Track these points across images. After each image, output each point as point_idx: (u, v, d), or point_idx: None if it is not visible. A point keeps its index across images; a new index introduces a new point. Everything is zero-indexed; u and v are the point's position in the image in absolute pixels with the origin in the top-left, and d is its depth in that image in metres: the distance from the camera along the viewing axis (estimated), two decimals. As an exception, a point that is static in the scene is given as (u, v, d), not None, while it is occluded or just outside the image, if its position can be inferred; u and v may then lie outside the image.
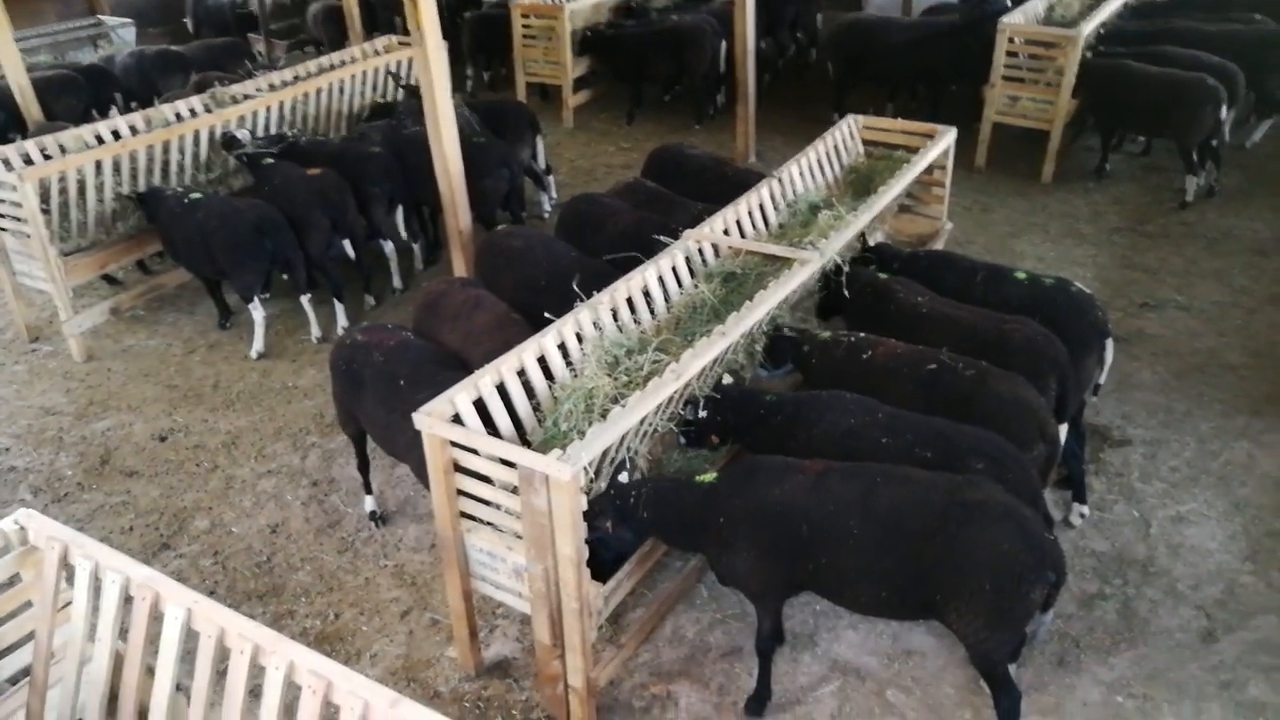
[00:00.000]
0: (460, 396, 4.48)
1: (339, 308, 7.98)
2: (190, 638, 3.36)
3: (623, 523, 4.50)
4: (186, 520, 6.20)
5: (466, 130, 8.59)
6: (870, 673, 4.95)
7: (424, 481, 5.28)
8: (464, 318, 5.89)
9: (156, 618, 3.39)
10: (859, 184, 7.06)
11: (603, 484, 4.62)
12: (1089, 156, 10.80)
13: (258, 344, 7.76)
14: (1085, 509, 5.68)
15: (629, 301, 5.40)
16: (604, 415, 4.49)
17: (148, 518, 6.23)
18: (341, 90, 9.74)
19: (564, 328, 5.02)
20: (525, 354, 4.82)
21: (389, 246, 8.42)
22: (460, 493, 4.56)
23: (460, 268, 7.76)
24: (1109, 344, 5.65)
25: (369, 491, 6.09)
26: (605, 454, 4.48)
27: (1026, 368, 5.17)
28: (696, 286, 5.68)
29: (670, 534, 4.63)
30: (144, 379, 7.67)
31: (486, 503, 4.52)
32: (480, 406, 4.56)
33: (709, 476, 4.56)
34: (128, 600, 3.45)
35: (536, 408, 4.79)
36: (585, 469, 4.14)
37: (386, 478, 6.39)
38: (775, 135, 11.68)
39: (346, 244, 7.94)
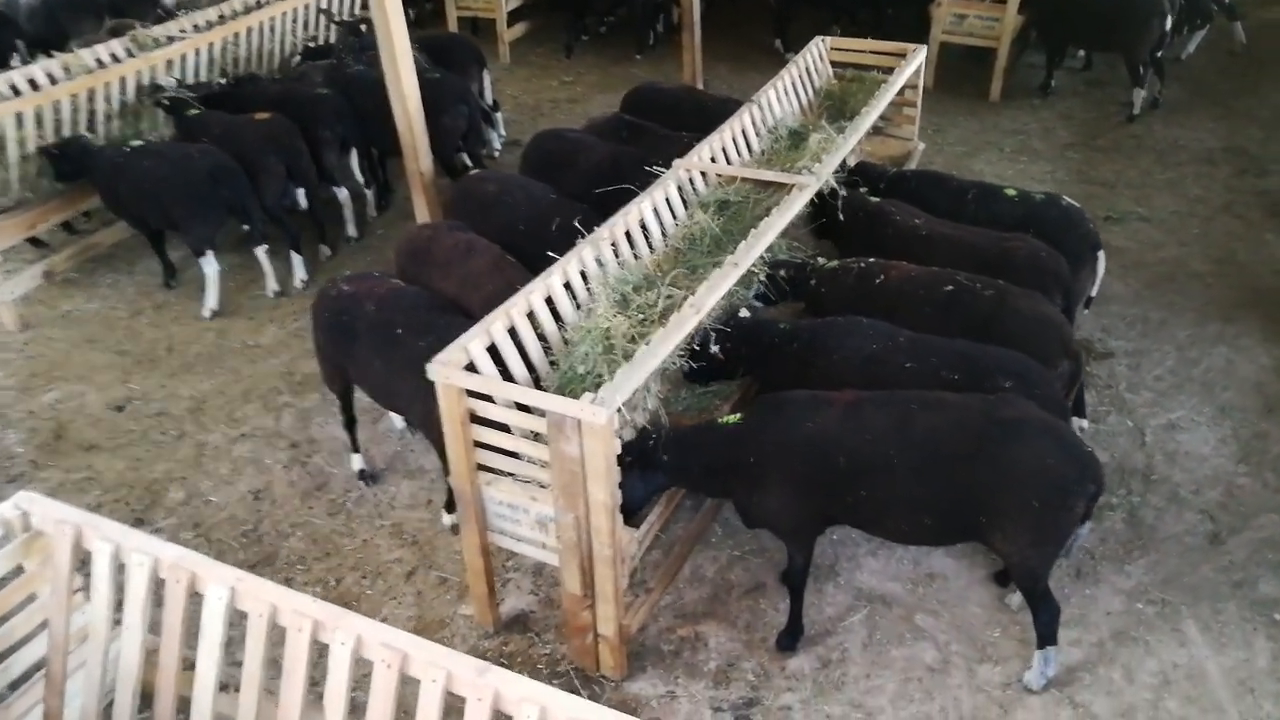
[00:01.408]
0: (474, 344, 4.26)
1: (296, 259, 7.58)
2: (233, 622, 3.12)
3: (645, 470, 4.36)
4: (159, 492, 5.86)
5: (417, 66, 8.19)
6: (896, 599, 4.93)
7: (429, 434, 5.07)
8: (457, 263, 5.61)
9: (193, 601, 3.14)
10: (834, 107, 6.91)
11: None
12: (1032, 74, 10.83)
13: (211, 301, 7.34)
14: (1085, 422, 5.72)
15: (627, 236, 5.19)
16: (626, 356, 4.32)
17: (116, 492, 5.87)
18: (273, 29, 9.19)
19: (569, 266, 4.80)
20: (534, 296, 4.60)
21: (343, 193, 8.00)
22: (477, 444, 4.36)
23: (423, 212, 7.41)
24: (1100, 256, 5.66)
25: (356, 450, 5.82)
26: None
27: (1031, 284, 5.14)
28: (691, 217, 5.50)
29: (694, 480, 4.50)
30: (89, 346, 7.20)
31: (507, 453, 4.33)
32: (492, 353, 4.34)
33: (732, 417, 4.42)
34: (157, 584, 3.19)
35: (548, 351, 4.59)
36: (620, 411, 3.97)
37: (371, 434, 6.12)
38: (720, 63, 11.45)
39: (300, 192, 7.51)
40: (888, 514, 4.17)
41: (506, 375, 4.36)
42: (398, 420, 6.15)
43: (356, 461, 5.83)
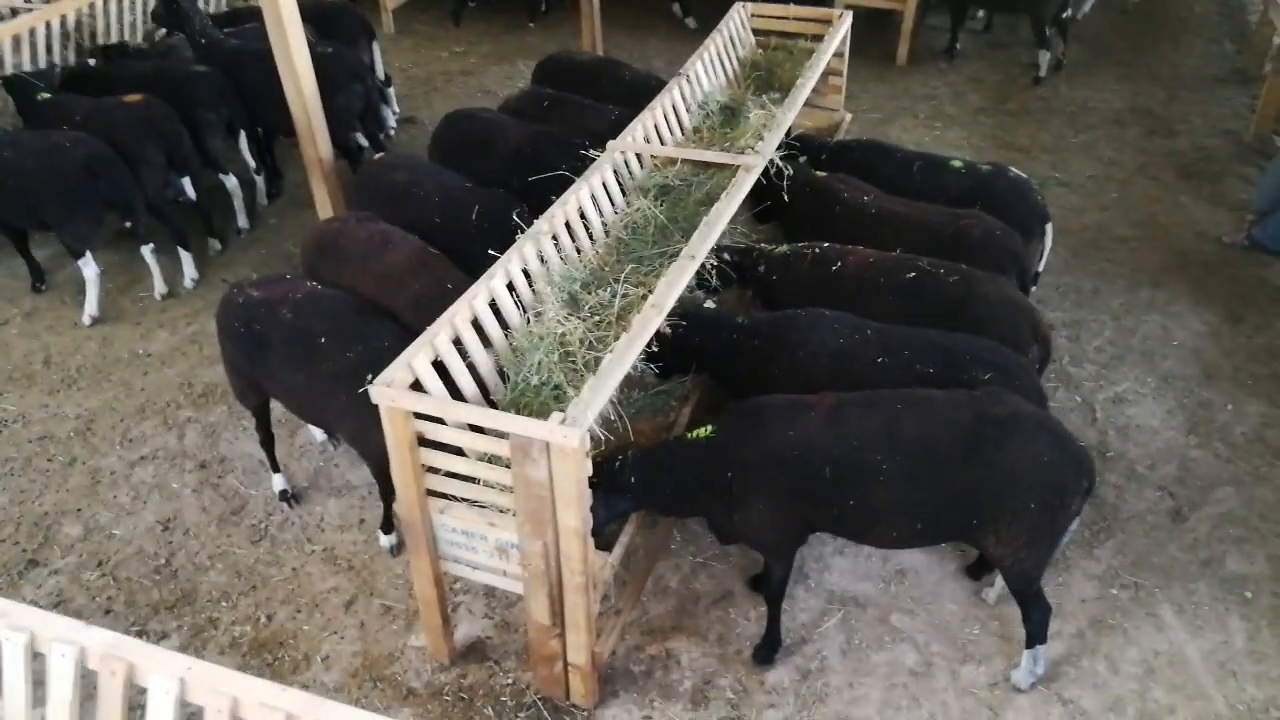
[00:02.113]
0: (418, 360, 3.83)
1: (185, 257, 6.92)
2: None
3: (610, 494, 4.02)
4: (52, 528, 5.24)
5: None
6: (869, 599, 4.74)
7: (364, 453, 4.63)
8: (373, 257, 5.12)
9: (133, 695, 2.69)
10: (761, 78, 6.61)
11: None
12: (935, 36, 10.75)
13: (91, 307, 6.65)
14: (1040, 402, 5.62)
15: (567, 227, 4.80)
16: (585, 364, 3.97)
17: (0, 530, 5.23)
18: (134, -1, 8.36)
19: (510, 265, 4.39)
20: (477, 301, 4.18)
21: (231, 181, 7.34)
22: (428, 469, 3.95)
23: (323, 200, 6.86)
24: (1049, 228, 5.54)
25: (276, 469, 5.31)
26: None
27: (987, 264, 4.97)
28: (631, 205, 5.13)
29: (665, 501, 4.16)
30: (-49, 362, 6.45)
31: (461, 478, 3.94)
32: (437, 367, 3.93)
33: (703, 430, 4.10)
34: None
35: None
36: (591, 430, 3.62)
37: (288, 449, 5.62)
38: (617, 29, 11.01)
39: (185, 182, 6.84)
40: (877, 522, 3.94)
41: (455, 392, 3.96)
42: (318, 433, 5.66)
43: (277, 482, 5.32)
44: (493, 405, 4.00)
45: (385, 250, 5.15)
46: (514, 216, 5.35)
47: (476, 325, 4.17)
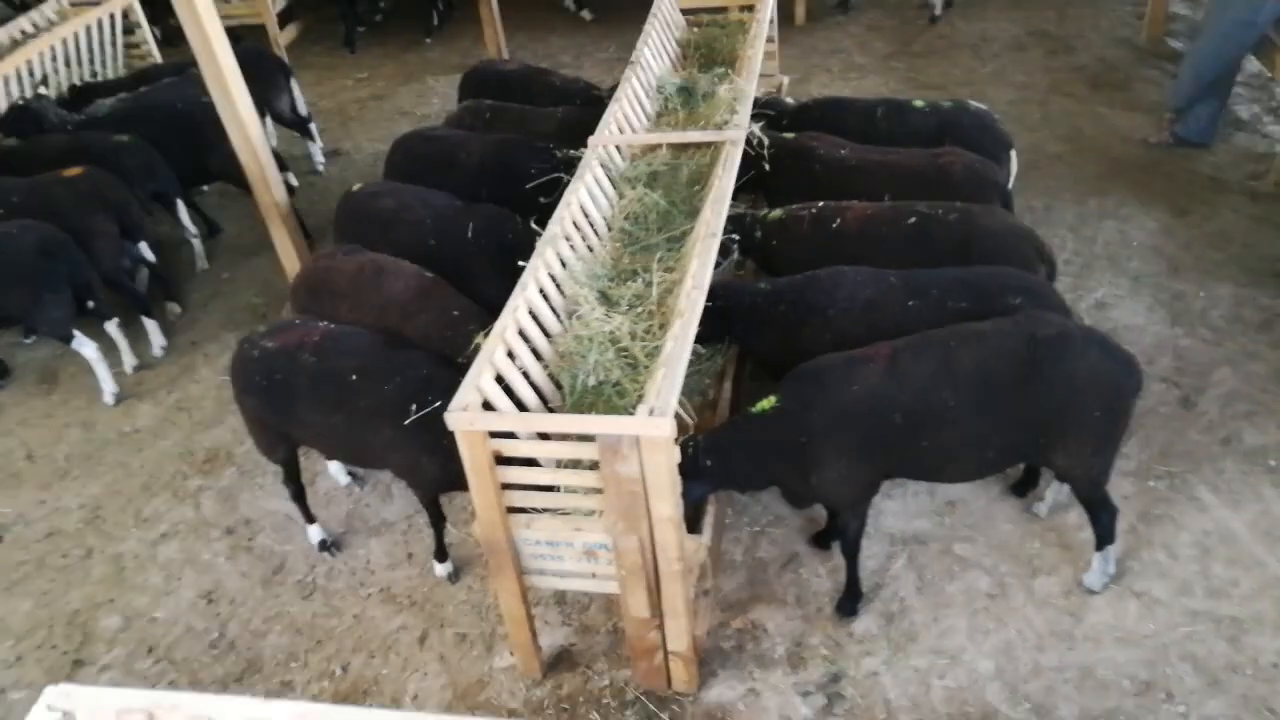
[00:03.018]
0: (485, 380, 3.81)
1: (150, 325, 6.66)
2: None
3: (689, 481, 4.06)
4: (88, 624, 5.03)
5: (186, 91, 7.37)
6: (928, 535, 4.89)
7: (413, 481, 4.61)
8: (370, 289, 5.04)
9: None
10: (703, 56, 6.69)
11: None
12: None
13: (108, 385, 6.34)
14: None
15: (575, 228, 4.81)
16: (648, 357, 4.00)
17: (34, 638, 5.00)
18: (30, 73, 7.98)
19: (539, 274, 4.38)
20: (519, 314, 4.17)
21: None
22: (505, 486, 3.93)
23: (285, 246, 6.69)
24: (1013, 154, 5.76)
25: (311, 520, 5.19)
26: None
27: (973, 196, 5.15)
28: (622, 196, 5.16)
29: (739, 479, 4.23)
30: (-77, 477, 6.11)
31: (538, 489, 3.94)
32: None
33: (765, 403, 4.16)
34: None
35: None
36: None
37: (314, 498, 5.44)
38: (518, 32, 10.92)
39: (143, 247, 6.58)
40: (951, 459, 4.08)
41: (517, 406, 3.95)
42: (341, 476, 5.55)
43: (314, 533, 5.21)
44: (552, 413, 4.00)
45: (382, 279, 5.08)
46: (507, 227, 5.37)
47: (522, 337, 4.16)
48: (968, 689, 4.25)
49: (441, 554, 4.94)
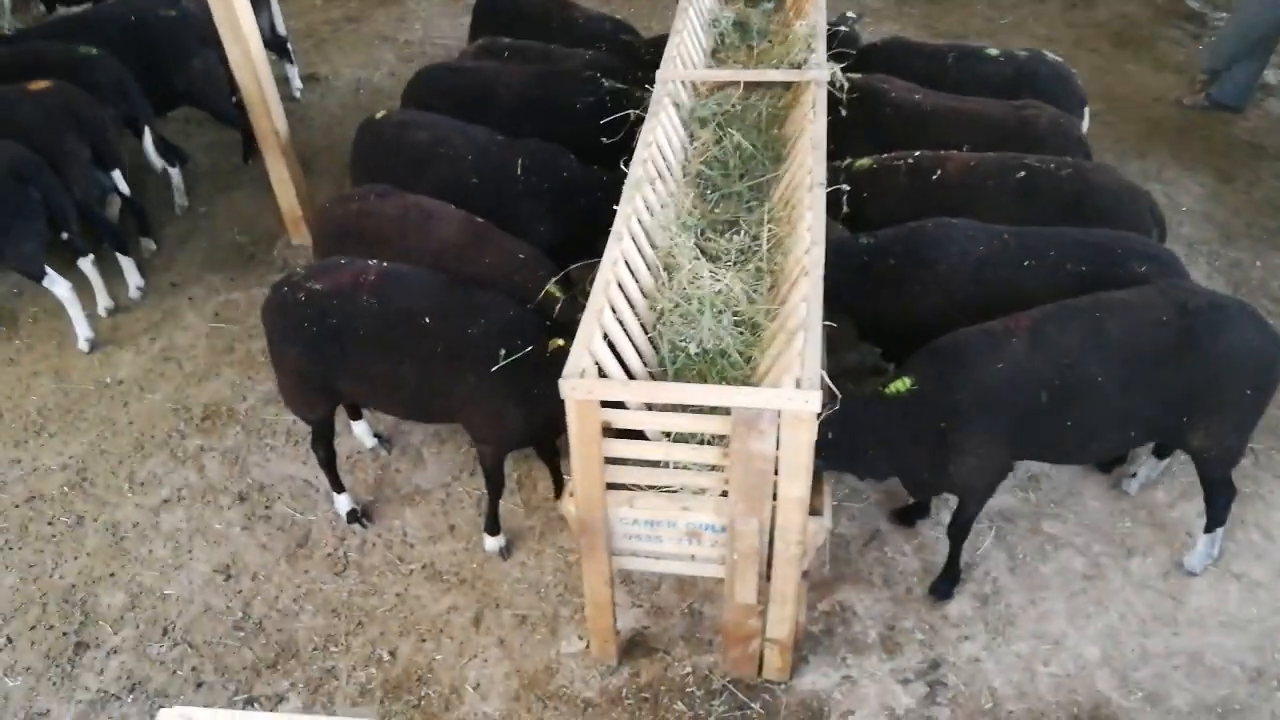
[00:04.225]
0: (597, 343, 3.37)
1: (126, 263, 5.95)
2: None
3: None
4: (87, 601, 4.47)
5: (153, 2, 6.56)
6: (1015, 511, 4.63)
7: (486, 437, 4.20)
8: (418, 233, 4.52)
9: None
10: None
11: None
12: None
13: (82, 329, 5.65)
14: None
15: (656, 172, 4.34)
16: (751, 321, 3.60)
17: (24, 617, 4.42)
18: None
19: (630, 223, 3.92)
20: (617, 269, 3.71)
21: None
22: (608, 460, 3.51)
23: (282, 178, 6.04)
24: (1086, 111, 5.47)
25: (341, 489, 4.68)
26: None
27: (1057, 152, 4.83)
28: (693, 138, 4.71)
29: (860, 462, 3.88)
30: None
31: (644, 465, 3.53)
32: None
33: (902, 384, 3.78)
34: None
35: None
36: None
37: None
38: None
39: (117, 175, 5.85)
40: (1094, 437, 3.79)
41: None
42: (365, 437, 5.03)
43: (343, 502, 4.70)
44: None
45: (427, 225, 4.55)
46: (561, 166, 4.90)
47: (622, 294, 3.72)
48: (1075, 676, 4.03)
49: (494, 526, 4.50)
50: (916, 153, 4.72)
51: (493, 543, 4.53)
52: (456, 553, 4.60)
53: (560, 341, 3.83)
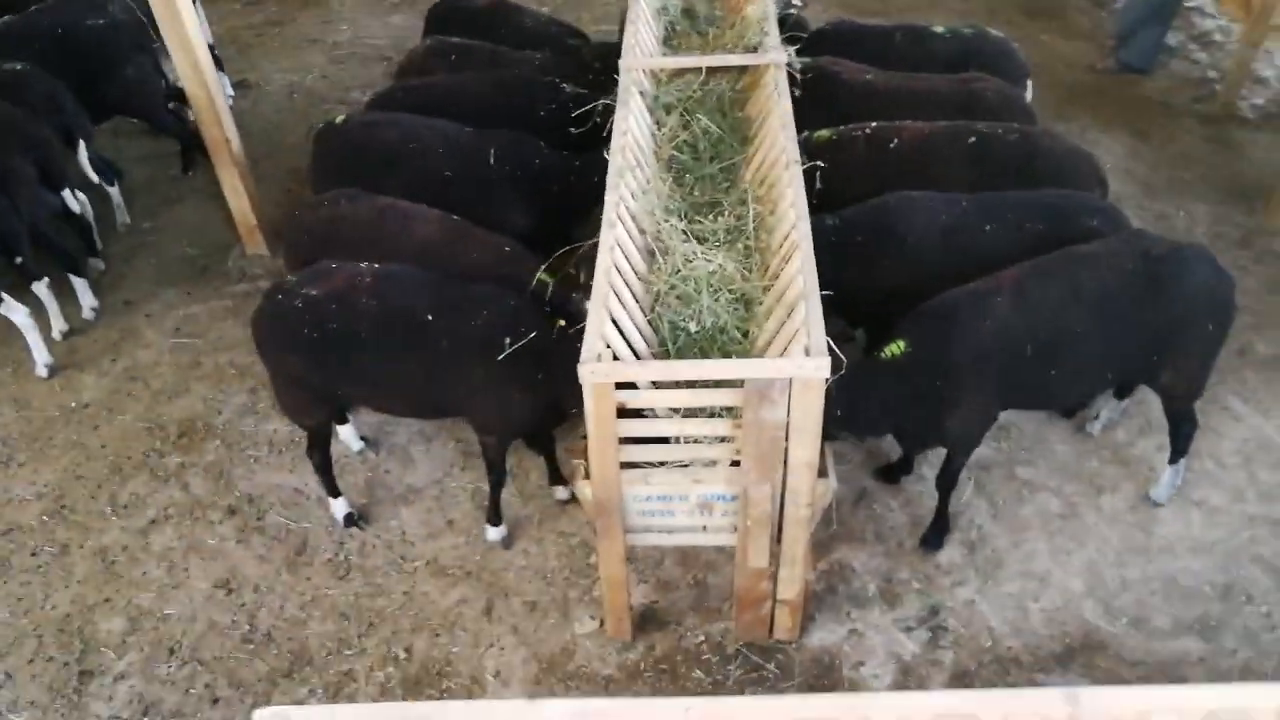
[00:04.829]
0: (608, 328, 3.46)
1: (80, 284, 5.81)
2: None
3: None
4: (85, 630, 4.40)
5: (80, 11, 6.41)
6: (989, 460, 4.88)
7: (492, 428, 4.28)
8: (398, 235, 4.54)
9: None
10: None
11: None
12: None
13: (41, 355, 5.51)
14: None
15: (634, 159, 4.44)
16: (745, 297, 3.74)
17: (20, 652, 4.32)
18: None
19: (620, 210, 4.02)
20: (614, 255, 3.81)
21: (81, 197, 6.07)
22: (622, 440, 3.61)
23: (234, 187, 5.96)
24: (1029, 82, 5.73)
25: (336, 494, 4.69)
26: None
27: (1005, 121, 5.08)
28: (659, 125, 4.82)
29: (863, 424, 4.08)
30: None
31: (656, 442, 3.66)
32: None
33: (893, 347, 3.98)
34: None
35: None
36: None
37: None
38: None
39: (66, 194, 5.71)
40: (1075, 382, 4.05)
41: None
42: (352, 440, 5.04)
43: (339, 507, 4.71)
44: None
45: (408, 226, 4.58)
46: (535, 152, 4.99)
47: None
48: (1064, 609, 4.29)
49: (496, 516, 4.57)
50: (874, 123, 4.91)
51: (495, 533, 4.60)
52: (458, 546, 4.65)
53: (562, 322, 3.92)
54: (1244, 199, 6.37)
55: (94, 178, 6.29)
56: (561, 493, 4.76)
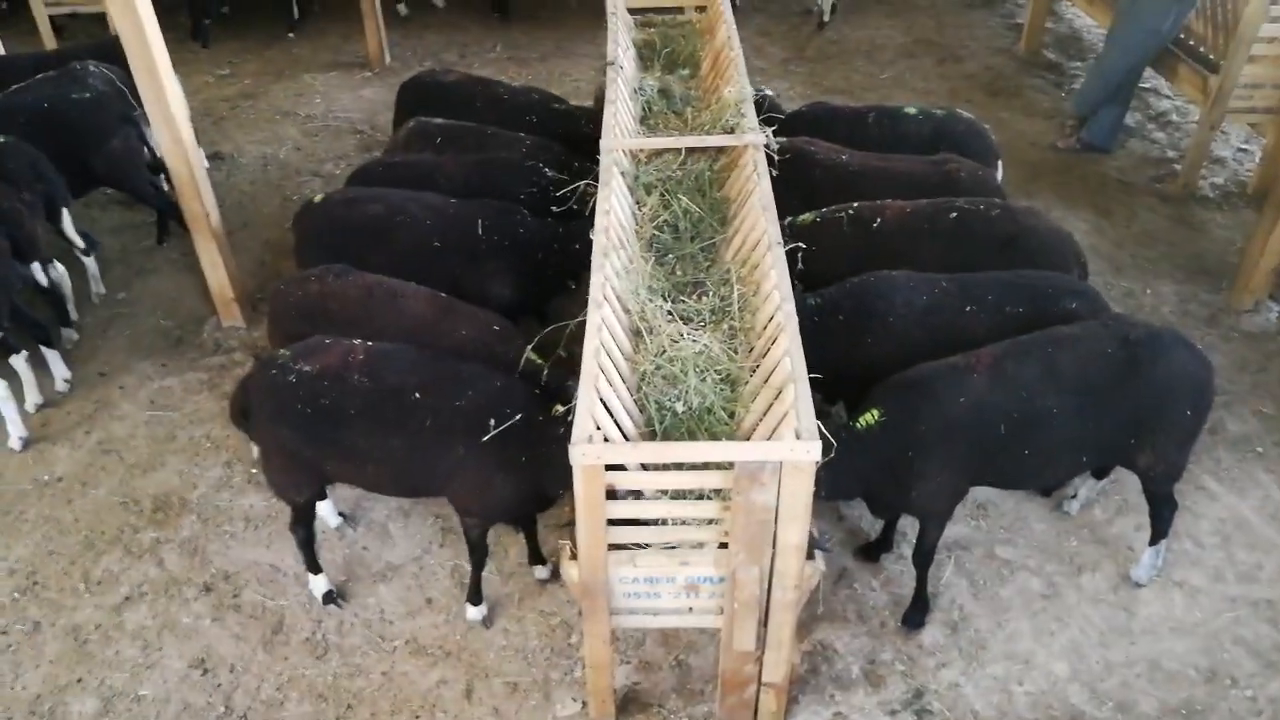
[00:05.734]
0: (599, 410, 3.48)
1: (52, 356, 5.76)
2: None
3: None
4: (57, 711, 4.27)
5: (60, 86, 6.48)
6: (969, 540, 4.91)
7: (474, 509, 4.26)
8: (388, 312, 4.57)
9: None
10: (667, 56, 6.46)
11: None
12: None
13: (16, 428, 5.44)
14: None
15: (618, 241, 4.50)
16: (730, 377, 3.78)
17: (-13, 735, 4.22)
18: None
19: (606, 290, 4.06)
20: (602, 335, 3.84)
21: (57, 270, 6.09)
22: (611, 522, 3.61)
23: (213, 261, 5.96)
24: (1000, 163, 5.88)
25: (317, 570, 4.63)
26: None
27: (978, 204, 5.21)
28: (641, 206, 4.89)
29: (834, 488, 4.09)
30: None
31: (644, 524, 3.65)
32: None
33: (867, 417, 4.04)
34: None
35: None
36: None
37: (289, 544, 4.83)
38: (389, 30, 10.24)
39: (36, 268, 5.68)
40: (1049, 464, 4.10)
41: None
42: (330, 517, 4.99)
43: (319, 584, 4.64)
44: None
45: (396, 302, 4.61)
46: (521, 221, 5.07)
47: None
48: (1049, 693, 4.29)
49: (477, 596, 4.52)
50: (855, 204, 5.01)
51: (475, 612, 4.55)
52: (438, 625, 4.59)
53: (561, 407, 3.93)
54: (1208, 277, 6.54)
55: (79, 243, 6.27)
56: (541, 572, 4.73)
